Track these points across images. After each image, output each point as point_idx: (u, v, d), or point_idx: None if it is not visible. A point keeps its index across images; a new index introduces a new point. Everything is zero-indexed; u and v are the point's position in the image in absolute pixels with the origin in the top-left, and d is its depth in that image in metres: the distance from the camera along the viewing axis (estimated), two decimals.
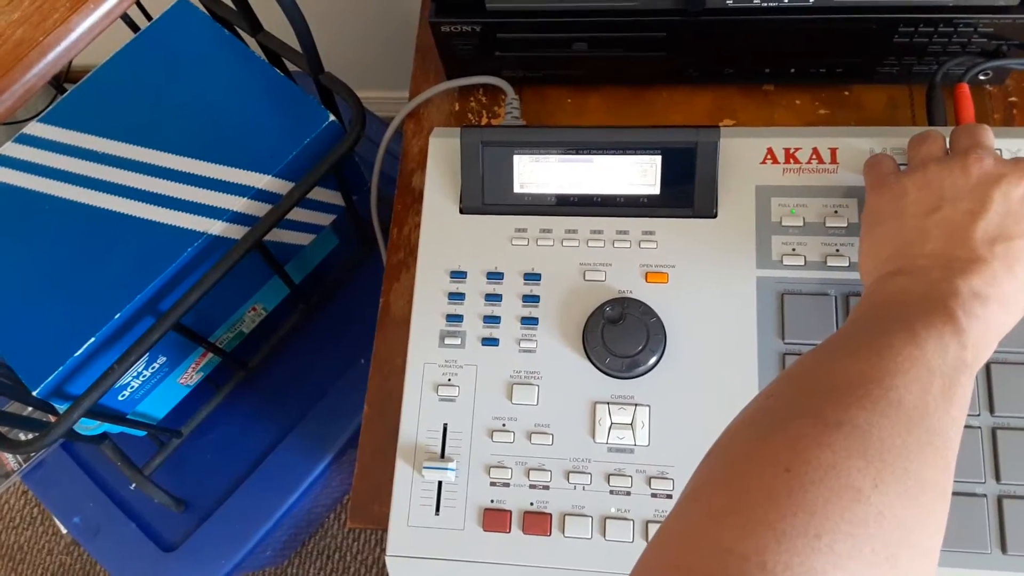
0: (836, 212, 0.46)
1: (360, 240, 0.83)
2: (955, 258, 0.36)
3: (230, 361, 0.78)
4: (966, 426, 0.36)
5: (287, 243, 0.73)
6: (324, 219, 0.75)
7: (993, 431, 0.42)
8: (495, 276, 0.48)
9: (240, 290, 0.74)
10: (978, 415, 0.42)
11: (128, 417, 0.72)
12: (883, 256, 0.39)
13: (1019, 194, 0.37)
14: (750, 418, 0.32)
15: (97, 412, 0.67)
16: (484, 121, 0.60)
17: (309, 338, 0.87)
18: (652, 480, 0.44)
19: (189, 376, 0.77)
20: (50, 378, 0.59)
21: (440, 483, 0.46)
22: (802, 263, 0.46)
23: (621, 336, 0.46)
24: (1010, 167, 0.38)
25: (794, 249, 0.46)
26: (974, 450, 0.42)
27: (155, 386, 0.72)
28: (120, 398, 0.69)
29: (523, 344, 0.47)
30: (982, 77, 0.53)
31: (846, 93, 0.57)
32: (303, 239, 0.74)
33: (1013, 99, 0.55)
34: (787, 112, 0.57)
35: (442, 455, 0.46)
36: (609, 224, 0.48)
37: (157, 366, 0.70)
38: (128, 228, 0.64)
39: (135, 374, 0.68)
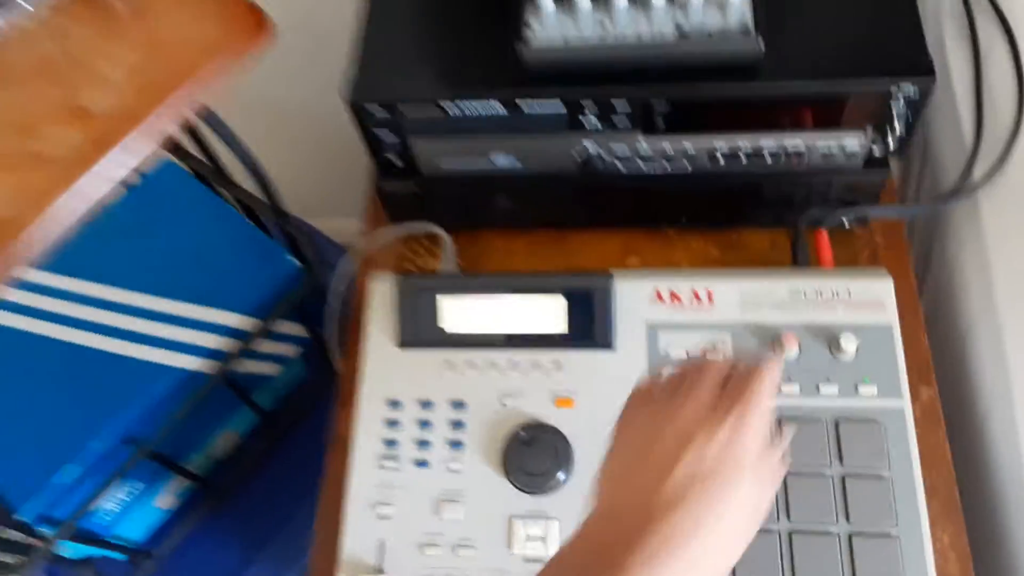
0: (715, 346, 0.54)
1: (328, 368, 0.90)
2: (649, 509, 0.35)
3: (203, 486, 0.83)
4: (765, 530, 0.43)
5: (256, 373, 0.80)
6: (292, 350, 0.82)
7: (790, 535, 0.49)
8: (427, 404, 0.56)
9: (212, 418, 0.81)
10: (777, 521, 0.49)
11: (108, 540, 0.77)
12: (602, 483, 0.39)
13: (723, 436, 0.36)
14: None
15: (79, 535, 0.72)
16: (426, 261, 0.69)
17: (280, 462, 0.92)
18: None
19: (167, 500, 0.83)
20: (34, 500, 0.65)
21: None
22: None
23: (534, 456, 0.52)
24: (724, 405, 0.37)
25: None
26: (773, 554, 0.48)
27: (133, 509, 0.78)
28: (99, 521, 0.74)
29: (451, 465, 0.54)
30: (846, 222, 0.62)
31: (734, 236, 0.66)
32: (271, 369, 0.82)
33: (878, 239, 0.64)
34: (685, 252, 0.65)
35: (380, 570, 0.52)
36: (524, 356, 0.56)
37: (135, 491, 0.76)
38: (107, 363, 0.71)
39: (114, 498, 0.74)
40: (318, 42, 0.84)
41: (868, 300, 0.54)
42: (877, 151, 0.57)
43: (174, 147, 0.79)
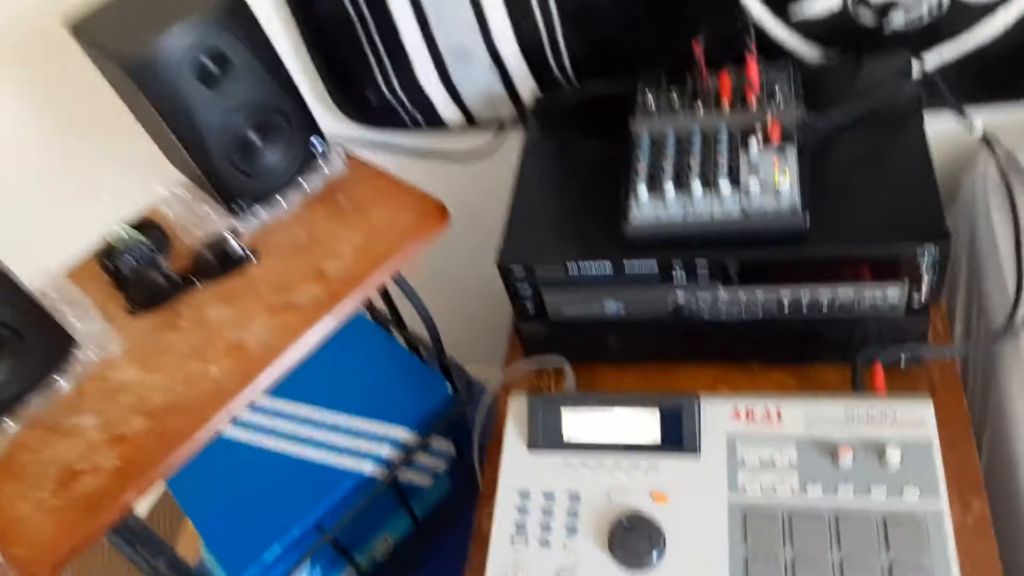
0: (781, 452, 0.67)
1: (469, 486, 1.07)
2: None
3: None
4: None
5: (413, 483, 0.98)
6: (442, 465, 1.00)
7: None
8: (549, 496, 0.71)
9: (375, 521, 0.99)
10: None
11: None
12: None
13: None
14: None
15: None
16: (552, 385, 0.86)
17: (427, 567, 1.07)
18: None
19: None
20: (247, 573, 0.84)
21: None
22: (758, 490, 0.66)
23: (634, 540, 0.66)
24: None
25: (754, 479, 0.66)
26: None
27: None
28: None
29: (567, 545, 0.68)
30: (903, 360, 0.74)
31: (809, 370, 0.79)
32: (425, 481, 0.99)
33: (935, 375, 0.76)
34: (767, 382, 0.79)
35: None
36: (627, 458, 0.70)
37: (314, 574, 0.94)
38: (304, 466, 0.91)
39: None
40: (473, 220, 1.08)
41: (911, 420, 0.65)
42: (915, 299, 0.70)
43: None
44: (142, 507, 1.56)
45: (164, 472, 0.66)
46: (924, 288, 0.69)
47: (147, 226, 0.87)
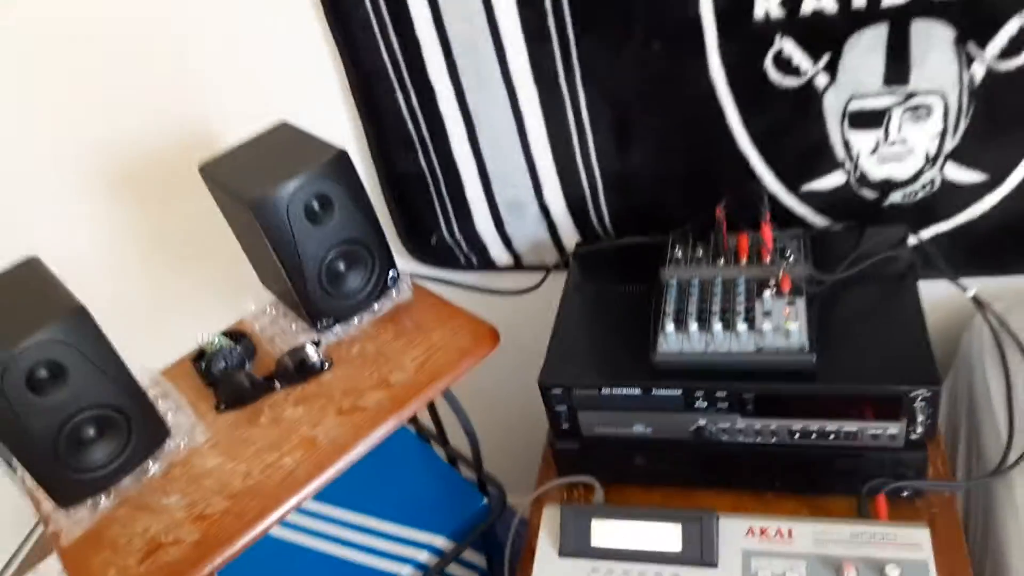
0: (792, 568, 0.73)
1: None
2: None
3: None
4: None
5: None
6: None
7: None
8: None
9: None
10: None
11: None
12: None
13: None
14: None
15: None
16: (582, 501, 0.93)
17: None
18: None
19: None
20: None
21: None
22: None
23: None
24: None
25: None
26: None
27: None
28: None
29: None
30: (904, 494, 0.82)
31: (821, 501, 0.86)
32: None
33: (935, 508, 0.83)
34: (780, 510, 0.86)
35: None
36: (650, 567, 0.77)
37: None
38: (348, 568, 0.98)
39: None
40: (516, 350, 1.19)
41: (910, 543, 0.72)
42: (913, 436, 0.79)
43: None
44: None
45: (240, 546, 0.75)
46: (920, 426, 0.78)
47: (237, 335, 1.00)
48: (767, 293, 0.85)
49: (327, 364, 0.93)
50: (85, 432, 0.81)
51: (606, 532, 0.81)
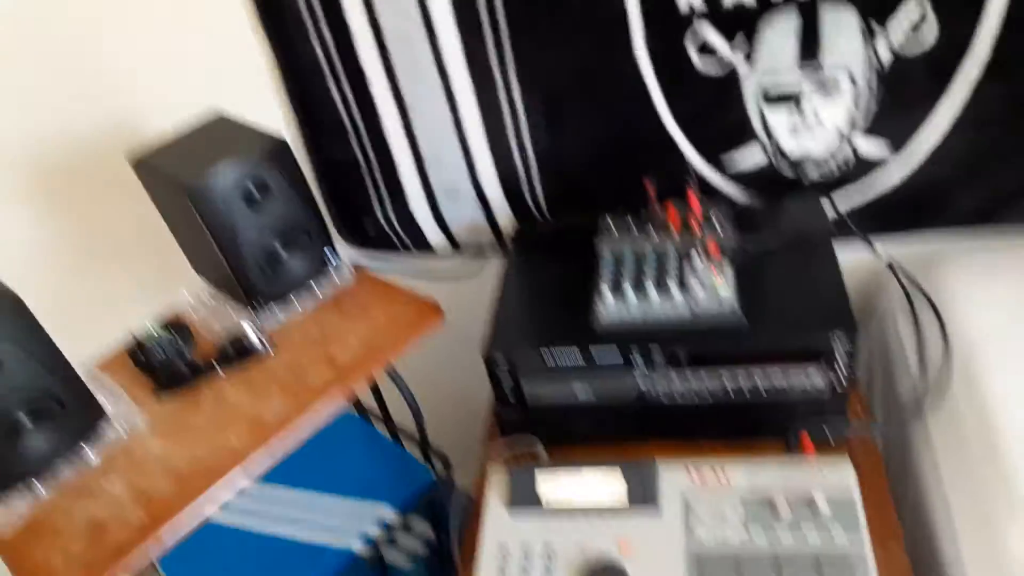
0: (731, 508, 0.78)
1: (444, 571, 1.12)
2: None
3: None
4: None
5: (394, 565, 1.04)
6: (420, 548, 1.07)
7: None
8: (528, 550, 0.79)
9: None
10: None
11: None
12: None
13: None
14: None
15: None
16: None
17: None
18: None
19: None
20: None
21: None
22: (710, 540, 0.76)
23: None
24: None
25: (707, 531, 0.76)
26: None
27: None
28: None
29: None
30: (826, 436, 0.87)
31: (752, 446, 0.90)
32: (404, 562, 1.06)
33: (856, 450, 0.88)
34: (696, 457, 0.90)
35: None
36: (597, 516, 0.80)
37: None
38: (294, 546, 0.98)
39: None
40: (456, 332, 1.21)
41: (835, 476, 0.78)
42: (835, 381, 0.84)
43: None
44: None
45: (189, 524, 0.74)
46: (841, 371, 0.84)
47: (174, 325, 0.99)
48: (697, 259, 0.90)
49: (269, 347, 0.93)
50: (20, 421, 0.79)
51: (553, 487, 0.83)
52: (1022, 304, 0.89)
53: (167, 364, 0.93)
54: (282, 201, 0.92)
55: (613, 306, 0.88)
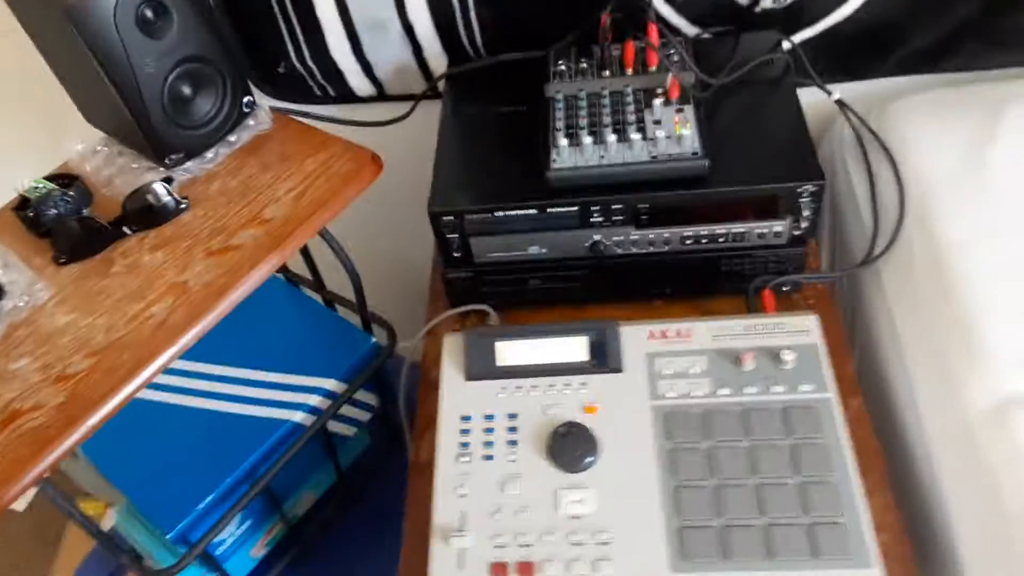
0: (693, 363, 0.76)
1: (388, 439, 1.10)
2: None
3: (291, 532, 1.01)
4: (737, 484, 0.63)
5: (339, 433, 1.01)
6: (365, 416, 1.03)
7: (756, 487, 0.68)
8: (489, 417, 0.77)
9: (302, 473, 1.00)
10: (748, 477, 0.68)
11: (222, 569, 0.94)
12: None
13: None
14: None
15: (206, 558, 0.89)
16: None
17: (346, 534, 1.10)
18: (596, 534, 0.69)
19: (259, 548, 1.00)
20: (181, 524, 0.84)
21: (462, 549, 0.70)
22: (676, 396, 0.75)
23: (570, 446, 0.73)
24: None
25: (672, 388, 0.75)
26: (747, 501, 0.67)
27: (240, 547, 0.95)
28: (219, 551, 0.92)
29: (509, 457, 0.74)
30: (785, 288, 0.86)
31: (709, 303, 0.89)
32: (349, 431, 1.02)
33: (812, 300, 0.88)
34: (672, 317, 0.88)
35: (462, 531, 0.71)
36: (559, 379, 0.77)
37: (244, 528, 0.94)
38: (235, 421, 0.92)
39: (230, 532, 0.92)
40: (387, 186, 1.12)
41: (799, 329, 0.77)
42: (796, 232, 0.82)
43: None
44: (19, 505, 1.47)
45: (116, 403, 0.66)
46: (804, 221, 0.81)
47: (66, 179, 0.85)
48: (657, 101, 0.83)
49: (183, 204, 0.82)
50: None
51: (512, 351, 0.80)
52: (974, 146, 0.88)
53: (63, 224, 0.81)
54: (185, 29, 0.78)
55: (569, 155, 0.81)
